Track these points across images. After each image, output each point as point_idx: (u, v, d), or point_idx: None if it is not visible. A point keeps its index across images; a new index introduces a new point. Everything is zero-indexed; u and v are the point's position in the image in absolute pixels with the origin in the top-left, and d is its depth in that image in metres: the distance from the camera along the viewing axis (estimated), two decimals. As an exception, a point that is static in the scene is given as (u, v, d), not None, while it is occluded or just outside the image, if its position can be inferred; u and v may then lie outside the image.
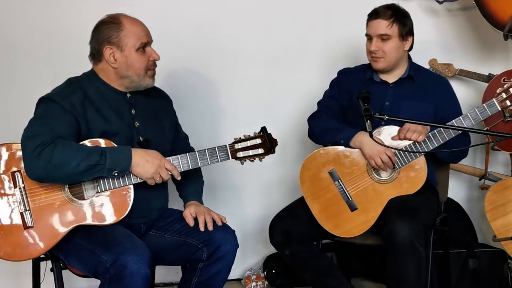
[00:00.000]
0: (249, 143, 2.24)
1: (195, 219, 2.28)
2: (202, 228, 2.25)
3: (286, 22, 3.23)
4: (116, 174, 2.09)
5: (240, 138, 2.25)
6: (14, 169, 2.12)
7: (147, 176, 2.13)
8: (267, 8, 3.22)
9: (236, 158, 2.24)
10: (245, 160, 2.26)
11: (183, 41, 3.15)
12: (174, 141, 2.45)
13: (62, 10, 3.05)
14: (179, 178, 2.20)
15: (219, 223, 2.29)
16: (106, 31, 2.18)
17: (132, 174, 2.14)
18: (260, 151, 2.25)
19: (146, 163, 2.12)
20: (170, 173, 2.18)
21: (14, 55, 3.03)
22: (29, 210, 2.09)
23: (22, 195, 2.09)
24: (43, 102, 2.15)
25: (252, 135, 2.26)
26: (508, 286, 2.91)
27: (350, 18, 2.79)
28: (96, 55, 2.23)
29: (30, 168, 2.04)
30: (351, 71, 2.75)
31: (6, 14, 3.02)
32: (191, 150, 2.46)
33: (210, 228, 2.25)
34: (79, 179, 2.10)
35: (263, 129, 2.27)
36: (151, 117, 2.35)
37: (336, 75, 2.77)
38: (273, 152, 2.26)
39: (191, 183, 2.44)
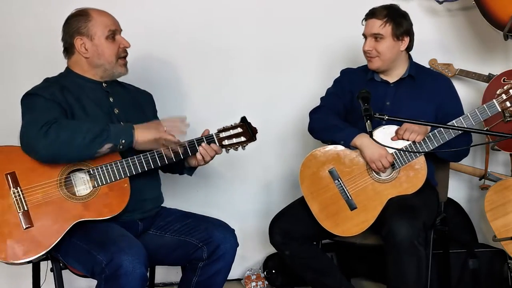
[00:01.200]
0: (232, 131, 2.33)
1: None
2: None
3: (286, 21, 3.23)
4: (123, 141, 2.11)
5: (223, 127, 2.33)
6: (9, 170, 2.11)
7: (154, 136, 2.15)
8: (268, 7, 3.22)
9: (222, 146, 2.31)
10: (230, 148, 2.33)
11: (183, 41, 3.15)
12: None
13: (62, 10, 3.05)
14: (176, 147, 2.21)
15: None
16: (75, 23, 2.26)
17: (138, 143, 2.15)
18: (243, 139, 2.33)
19: (147, 129, 2.17)
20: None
21: (14, 55, 3.04)
22: (27, 210, 2.09)
23: (18, 195, 2.09)
24: (26, 98, 2.20)
25: (232, 124, 2.34)
26: (508, 286, 2.91)
27: (350, 18, 2.80)
28: (68, 48, 2.30)
29: (39, 148, 2.05)
30: (353, 71, 2.75)
31: (6, 14, 3.02)
32: None
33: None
34: (89, 151, 2.09)
35: (243, 118, 2.35)
36: (130, 104, 2.38)
37: (335, 73, 2.78)
38: (255, 139, 2.35)
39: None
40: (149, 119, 2.41)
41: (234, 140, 2.32)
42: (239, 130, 2.33)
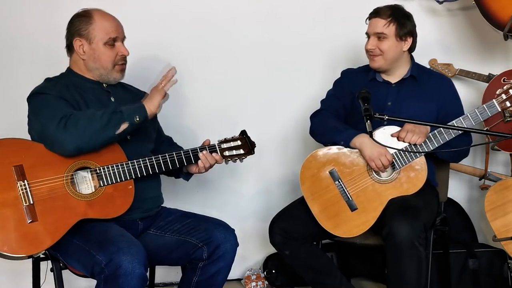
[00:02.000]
0: (232, 143, 2.39)
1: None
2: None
3: (287, 22, 3.23)
4: (137, 119, 2.15)
5: (224, 139, 2.38)
6: (17, 163, 2.10)
7: (159, 100, 2.22)
8: (269, 7, 3.22)
9: (223, 157, 2.36)
10: (230, 160, 2.38)
11: (184, 41, 3.15)
12: (157, 142, 2.47)
13: (62, 10, 3.05)
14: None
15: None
16: (77, 24, 2.27)
17: (151, 114, 2.21)
18: (242, 151, 2.39)
19: (152, 99, 2.22)
20: None
21: (14, 55, 3.03)
22: (33, 204, 2.08)
23: (25, 188, 2.08)
24: (35, 98, 2.21)
25: (233, 137, 2.40)
26: (508, 286, 2.91)
27: (352, 18, 2.80)
28: (69, 47, 2.32)
29: (65, 143, 2.07)
30: (354, 71, 2.75)
31: (6, 14, 3.02)
32: (181, 147, 2.51)
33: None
34: (108, 133, 2.12)
35: (243, 132, 2.41)
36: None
37: (337, 74, 2.78)
38: (253, 153, 2.41)
39: None
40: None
41: (234, 152, 2.38)
42: (239, 142, 2.38)
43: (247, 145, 2.39)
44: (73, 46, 2.27)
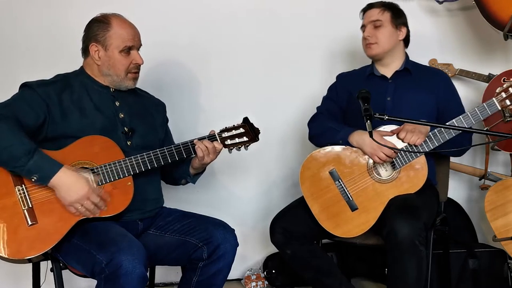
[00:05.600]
0: (234, 131, 2.36)
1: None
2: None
3: (286, 22, 3.24)
4: (34, 179, 2.05)
5: (225, 127, 2.37)
6: None
7: (66, 203, 2.08)
8: (268, 7, 3.23)
9: (225, 146, 2.35)
10: (233, 148, 2.36)
11: (182, 41, 3.15)
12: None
13: (62, 10, 3.06)
14: (104, 208, 2.14)
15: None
16: (95, 29, 2.28)
17: (53, 187, 2.07)
18: (245, 139, 2.37)
19: (69, 189, 2.07)
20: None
21: (15, 55, 3.03)
22: (32, 207, 2.08)
23: (23, 192, 2.09)
24: (20, 88, 2.23)
25: (235, 125, 2.38)
26: (508, 286, 2.91)
27: (351, 19, 2.80)
28: (85, 49, 2.32)
29: None
30: (350, 73, 2.79)
31: (6, 14, 3.02)
32: None
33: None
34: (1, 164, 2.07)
35: (245, 119, 2.39)
36: (139, 111, 2.39)
37: (336, 75, 2.78)
38: (257, 139, 2.39)
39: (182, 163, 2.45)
40: (156, 128, 2.44)
41: (237, 140, 2.36)
42: (241, 130, 2.36)
43: (250, 132, 2.37)
44: (89, 50, 2.28)
